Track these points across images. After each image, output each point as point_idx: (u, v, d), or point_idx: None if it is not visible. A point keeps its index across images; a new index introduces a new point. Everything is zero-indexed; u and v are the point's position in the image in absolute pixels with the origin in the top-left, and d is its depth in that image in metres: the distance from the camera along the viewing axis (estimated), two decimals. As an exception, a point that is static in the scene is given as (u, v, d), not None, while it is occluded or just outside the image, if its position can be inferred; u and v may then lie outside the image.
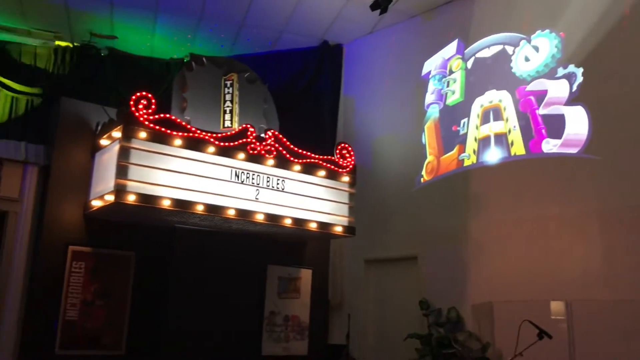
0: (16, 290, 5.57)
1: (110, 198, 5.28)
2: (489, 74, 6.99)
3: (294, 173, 6.22)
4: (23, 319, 5.53)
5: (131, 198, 5.26)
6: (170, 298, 5.96)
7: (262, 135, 6.16)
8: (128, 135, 5.37)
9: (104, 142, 5.75)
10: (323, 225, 6.30)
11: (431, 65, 7.83)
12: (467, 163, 7.01)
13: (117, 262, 5.94)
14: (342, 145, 6.75)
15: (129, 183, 5.28)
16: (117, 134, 5.46)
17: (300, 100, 8.59)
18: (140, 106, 5.46)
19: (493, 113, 6.80)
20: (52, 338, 5.49)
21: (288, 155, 6.21)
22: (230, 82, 6.57)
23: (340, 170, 6.56)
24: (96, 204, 5.60)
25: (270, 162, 6.07)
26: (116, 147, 5.41)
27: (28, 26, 8.55)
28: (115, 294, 5.88)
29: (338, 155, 6.62)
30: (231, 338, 6.22)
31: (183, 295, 6.00)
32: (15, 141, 5.92)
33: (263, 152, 6.06)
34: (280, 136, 6.24)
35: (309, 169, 6.33)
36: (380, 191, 7.91)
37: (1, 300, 5.51)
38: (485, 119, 6.88)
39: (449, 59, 7.59)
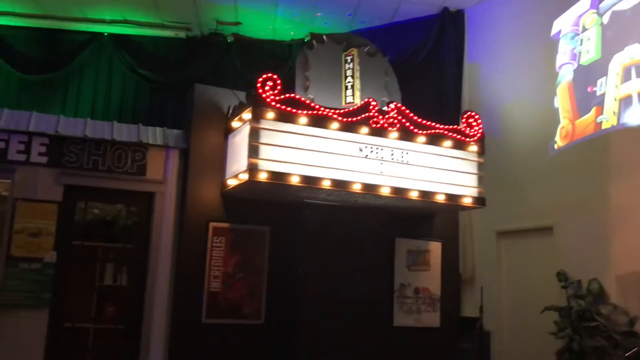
0: (165, 264, 6.07)
1: (245, 177, 5.57)
2: (628, 27, 6.39)
3: (419, 145, 6.15)
4: (173, 290, 6.02)
5: (263, 176, 5.51)
6: (303, 270, 6.19)
7: (385, 108, 6.15)
8: (257, 117, 5.61)
9: (235, 124, 6.06)
10: (451, 197, 6.19)
11: (562, 23, 7.31)
12: (606, 125, 6.51)
13: (253, 236, 6.27)
14: (469, 113, 6.54)
15: (260, 162, 5.53)
16: (247, 115, 5.73)
17: (422, 70, 8.45)
18: (267, 88, 5.67)
19: (635, 70, 6.23)
20: (198, 308, 5.94)
21: (412, 127, 6.15)
22: (351, 57, 6.61)
23: (467, 139, 6.38)
24: (232, 182, 5.94)
25: (394, 134, 6.05)
26: (247, 129, 5.68)
27: (161, 20, 9.16)
28: (253, 266, 6.22)
29: (464, 125, 6.44)
30: (363, 309, 6.34)
31: (315, 267, 6.20)
32: (158, 127, 6.39)
33: (386, 125, 6.04)
34: (403, 108, 6.19)
35: (434, 140, 6.22)
36: (510, 160, 7.60)
37: (153, 273, 6.04)
38: (626, 77, 6.32)
39: (581, 15, 7.05)
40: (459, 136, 6.35)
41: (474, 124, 6.47)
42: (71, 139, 5.92)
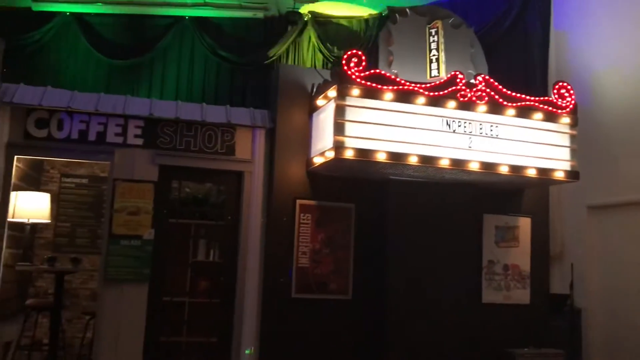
0: (255, 241, 6.23)
1: (331, 154, 5.61)
2: None
3: (508, 118, 5.97)
4: (263, 266, 6.19)
5: (349, 153, 5.53)
6: (389, 247, 6.21)
7: (472, 81, 5.99)
8: (342, 94, 5.61)
9: (320, 102, 6.09)
10: (542, 171, 6.00)
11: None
12: None
13: (339, 213, 6.33)
14: (560, 84, 6.28)
15: (346, 139, 5.55)
16: (332, 93, 5.74)
17: (506, 40, 8.14)
18: (352, 64, 5.65)
19: None
20: (288, 283, 6.09)
21: (500, 100, 5.97)
22: (435, 29, 6.46)
23: (559, 111, 6.13)
24: (317, 160, 6.00)
25: (482, 108, 5.90)
26: (332, 106, 5.70)
27: (239, 1, 9.25)
28: (339, 243, 6.29)
29: (555, 95, 6.19)
30: (450, 285, 6.29)
31: (401, 244, 6.20)
32: (244, 108, 6.52)
33: (474, 98, 5.90)
34: (491, 80, 6.01)
35: (523, 113, 6.02)
36: (602, 131, 7.23)
37: (244, 249, 6.22)
38: None
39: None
40: (550, 108, 6.12)
41: (566, 94, 6.21)
42: (165, 121, 6.14)
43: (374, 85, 5.67)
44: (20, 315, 6.76)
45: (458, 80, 5.88)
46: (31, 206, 6.51)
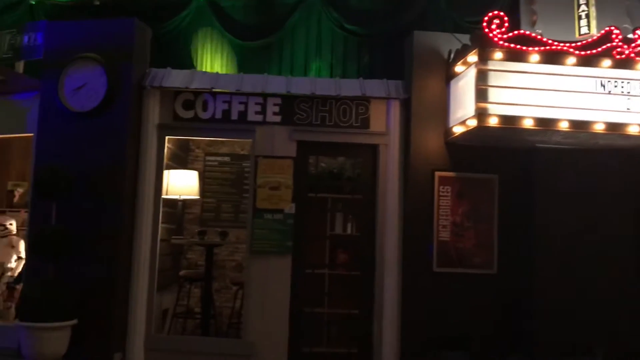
0: (393, 214, 6.17)
1: (473, 123, 5.38)
2: None
3: (675, 74, 5.38)
4: (402, 239, 6.12)
5: (493, 121, 5.29)
6: (537, 219, 5.88)
7: (629, 36, 5.45)
8: (484, 58, 5.36)
9: (458, 68, 5.84)
10: None
11: None
12: None
13: (480, 185, 6.09)
14: None
15: (490, 106, 5.31)
16: (472, 58, 5.49)
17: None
18: (494, 26, 5.37)
19: None
20: (429, 257, 5.98)
21: (665, 55, 5.38)
22: (584, -17, 5.93)
23: None
24: (457, 130, 5.78)
25: (643, 65, 5.36)
26: (472, 72, 5.46)
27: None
28: (482, 215, 6.06)
29: None
30: (603, 260, 5.84)
31: (550, 216, 5.85)
32: (378, 80, 6.44)
33: (632, 55, 5.37)
34: (653, 34, 5.43)
35: (693, 68, 5.39)
36: None
37: (382, 222, 6.19)
38: None
39: None
40: None
41: None
42: (301, 97, 6.23)
43: (518, 47, 5.34)
44: (174, 285, 7.27)
45: (613, 36, 5.38)
46: (182, 184, 6.95)
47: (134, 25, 6.21)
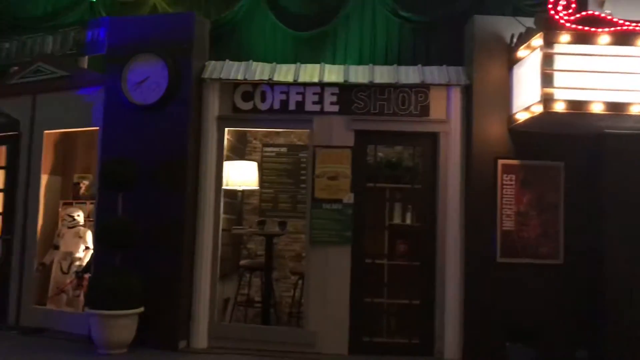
0: (454, 203, 6.06)
1: (538, 109, 5.21)
2: None
3: None
4: (464, 229, 6.01)
5: (559, 106, 5.11)
6: (606, 208, 5.66)
7: None
8: (550, 41, 5.17)
9: (521, 53, 5.66)
10: None
11: None
12: None
13: (545, 173, 5.91)
14: None
15: (556, 91, 5.12)
16: (537, 42, 5.30)
17: None
18: (560, 8, 5.16)
19: None
20: (492, 247, 5.85)
21: None
22: (657, -42, 5.63)
23: None
24: (521, 116, 5.62)
25: None
26: (537, 56, 5.28)
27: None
28: (547, 204, 5.88)
29: None
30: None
31: (621, 205, 5.62)
32: (437, 66, 6.32)
33: None
34: None
35: None
36: None
37: (443, 212, 6.09)
38: None
39: None
40: None
41: None
42: (358, 86, 6.19)
43: (586, 28, 5.12)
44: (235, 274, 7.39)
45: (691, 13, 5.08)
46: (241, 175, 7.03)
47: (193, 18, 6.30)
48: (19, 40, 7.56)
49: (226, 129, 6.42)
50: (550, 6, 5.18)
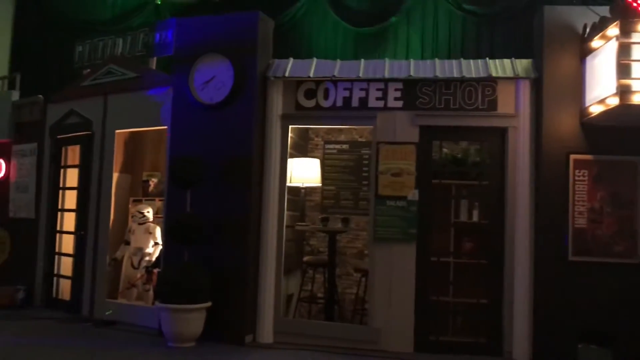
0: (523, 200, 5.88)
1: (614, 101, 4.98)
2: None
3: None
4: (534, 227, 5.83)
5: (638, 98, 4.87)
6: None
7: None
8: (627, 30, 4.95)
9: (595, 43, 5.43)
10: None
11: None
12: None
13: (621, 168, 5.65)
14: None
15: (634, 82, 4.89)
16: (612, 31, 5.07)
17: None
18: (638, -5, 4.93)
19: None
20: (564, 245, 5.65)
21: None
22: None
23: None
24: (595, 109, 5.39)
25: None
26: (613, 46, 5.05)
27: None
28: (623, 201, 5.63)
29: None
30: None
31: None
32: (505, 59, 6.14)
33: None
34: None
35: None
36: None
37: (512, 209, 5.92)
38: None
39: None
40: None
41: None
42: (423, 81, 6.10)
43: (667, 16, 4.86)
44: (298, 270, 7.44)
45: None
46: (304, 171, 7.07)
47: (258, 18, 6.36)
48: (91, 43, 7.87)
49: (290, 127, 6.46)
50: (627, -7, 4.95)
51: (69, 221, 7.74)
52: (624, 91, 4.89)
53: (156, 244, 7.36)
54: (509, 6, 8.64)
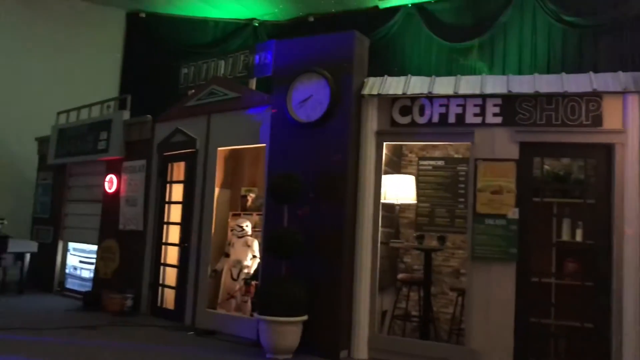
0: (633, 220, 5.56)
1: None
2: None
3: None
4: (645, 247, 5.52)
5: None
6: None
7: None
8: None
9: None
10: None
11: None
12: None
13: None
14: None
15: None
16: None
17: None
18: None
19: None
20: (679, 268, 5.30)
21: None
22: None
23: None
24: None
25: None
26: None
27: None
28: None
29: None
30: None
31: None
32: (611, 72, 5.88)
33: None
34: None
35: None
36: None
37: (619, 229, 5.61)
38: None
39: None
40: None
41: None
42: (523, 96, 5.95)
43: None
44: (391, 288, 7.42)
45: None
46: (399, 188, 7.07)
47: (354, 37, 6.47)
48: (195, 65, 8.34)
49: (384, 144, 6.51)
50: None
51: (173, 233, 8.18)
52: None
53: (254, 256, 7.61)
54: (613, 17, 8.28)
